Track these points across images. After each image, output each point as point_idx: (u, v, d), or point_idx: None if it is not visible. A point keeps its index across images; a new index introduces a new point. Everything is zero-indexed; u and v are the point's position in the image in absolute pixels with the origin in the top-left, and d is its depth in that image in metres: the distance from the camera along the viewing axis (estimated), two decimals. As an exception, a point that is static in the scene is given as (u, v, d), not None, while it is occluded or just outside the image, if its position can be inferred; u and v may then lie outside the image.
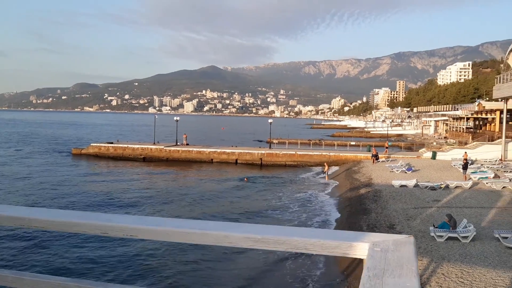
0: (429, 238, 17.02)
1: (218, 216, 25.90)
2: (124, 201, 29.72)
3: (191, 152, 53.02)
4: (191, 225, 1.72)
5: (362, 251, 1.46)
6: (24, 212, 1.91)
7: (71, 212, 1.92)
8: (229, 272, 17.18)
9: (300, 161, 50.08)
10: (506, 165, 38.82)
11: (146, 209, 27.45)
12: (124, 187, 35.01)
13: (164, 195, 32.34)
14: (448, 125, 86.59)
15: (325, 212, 27.02)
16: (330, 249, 1.52)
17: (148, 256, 18.35)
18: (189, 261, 17.98)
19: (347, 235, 1.57)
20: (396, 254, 1.38)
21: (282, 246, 1.57)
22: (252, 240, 1.60)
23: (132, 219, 1.81)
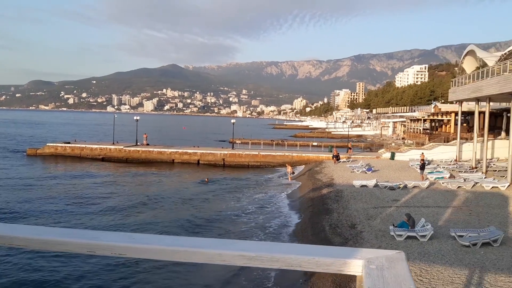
0: (389, 237, 17.37)
1: (174, 221, 25.39)
2: (82, 207, 28.71)
3: (151, 153, 52.11)
4: (183, 243, 1.66)
5: (356, 268, 1.46)
6: (3, 230, 1.78)
7: (55, 229, 1.81)
8: (184, 279, 16.89)
9: (263, 161, 50.19)
10: (460, 166, 40.27)
11: (105, 217, 26.58)
12: (82, 191, 33.82)
13: (124, 199, 31.50)
14: (405, 126, 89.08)
15: (285, 214, 27.06)
16: (325, 266, 1.51)
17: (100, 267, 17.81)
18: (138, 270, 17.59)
19: (341, 251, 1.57)
20: (392, 272, 1.39)
21: (277, 263, 1.55)
22: (246, 258, 1.57)
23: (120, 237, 1.72)
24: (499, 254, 14.89)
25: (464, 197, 25.88)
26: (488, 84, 33.64)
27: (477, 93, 36.39)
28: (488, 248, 15.52)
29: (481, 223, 19.42)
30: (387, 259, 1.48)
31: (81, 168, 46.03)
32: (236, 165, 49.76)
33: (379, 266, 1.43)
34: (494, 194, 26.71)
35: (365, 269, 1.42)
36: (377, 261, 1.46)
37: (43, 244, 1.73)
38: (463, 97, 41.05)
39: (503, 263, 14.03)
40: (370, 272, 1.38)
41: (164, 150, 52.38)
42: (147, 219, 25.67)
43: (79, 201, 29.89)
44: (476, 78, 37.05)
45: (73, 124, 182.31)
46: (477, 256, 14.72)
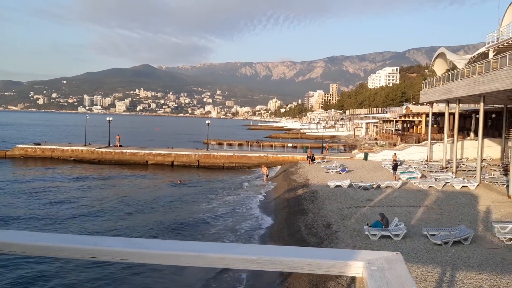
0: (364, 237, 17.59)
1: (142, 225, 25.03)
2: (53, 211, 28.06)
3: (124, 154, 51.34)
4: (185, 247, 1.67)
5: (357, 270, 1.51)
6: (2, 236, 1.77)
7: (54, 235, 1.79)
8: (159, 283, 16.73)
9: (238, 162, 50.12)
10: (431, 166, 41.17)
11: (75, 222, 26.02)
12: (53, 194, 32.96)
13: (94, 203, 30.79)
14: (378, 127, 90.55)
15: (259, 215, 27.02)
16: (326, 268, 1.55)
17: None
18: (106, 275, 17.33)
19: (341, 253, 1.60)
20: (393, 273, 1.44)
21: (279, 266, 1.58)
22: (248, 261, 1.59)
23: (122, 242, 1.72)
24: (469, 252, 15.28)
25: (435, 197, 26.45)
26: (458, 86, 34.49)
27: (447, 95, 37.27)
28: (459, 246, 15.90)
29: (452, 222, 19.88)
30: (386, 261, 1.52)
31: (52, 170, 44.95)
32: (211, 167, 49.55)
33: (379, 267, 1.47)
34: (464, 194, 27.40)
35: (367, 270, 1.46)
36: (377, 263, 1.50)
37: (43, 250, 1.72)
38: (434, 99, 41.98)
39: (474, 260, 14.40)
40: (372, 274, 1.42)
41: (137, 152, 51.69)
42: (116, 223, 25.19)
43: (49, 205, 29.19)
44: (447, 80, 37.94)
45: (43, 125, 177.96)
46: (448, 254, 15.06)
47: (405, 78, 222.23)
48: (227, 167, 49.37)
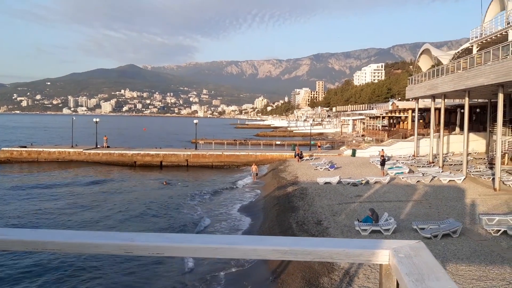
0: (355, 232, 17.79)
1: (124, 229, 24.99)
2: (40, 214, 27.83)
3: (112, 155, 50.98)
4: (219, 240, 1.73)
5: (384, 258, 1.57)
6: (38, 235, 1.81)
7: (88, 232, 1.84)
8: (157, 279, 16.75)
9: (227, 161, 50.14)
10: (418, 161, 41.65)
11: (60, 223, 25.88)
12: (42, 198, 32.58)
13: (83, 206, 30.55)
14: (365, 124, 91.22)
15: (250, 213, 27.10)
16: (354, 257, 1.61)
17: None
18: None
19: (368, 243, 1.65)
20: (420, 259, 1.48)
21: (309, 256, 1.64)
22: (280, 252, 1.65)
23: (156, 237, 1.77)
24: (458, 245, 15.56)
25: (423, 191, 26.81)
26: (443, 81, 34.96)
27: (432, 90, 37.74)
28: (448, 239, 16.18)
29: (441, 215, 20.20)
30: (411, 248, 1.57)
31: (39, 173, 44.48)
32: (200, 166, 49.49)
33: (407, 254, 1.52)
34: (451, 187, 27.82)
35: (395, 258, 1.51)
36: (403, 250, 1.55)
37: (80, 248, 1.79)
38: (420, 95, 42.47)
39: (463, 253, 14.67)
40: (401, 261, 1.47)
41: (125, 152, 51.36)
42: (97, 224, 25.06)
43: (36, 209, 28.92)
44: (432, 76, 38.41)
45: (28, 127, 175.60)
46: (438, 247, 15.31)
47: (390, 74, 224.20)
48: (216, 166, 49.37)
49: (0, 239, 1.81)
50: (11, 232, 1.86)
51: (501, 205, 22.10)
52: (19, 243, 1.80)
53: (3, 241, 1.80)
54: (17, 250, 1.81)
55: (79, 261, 17.92)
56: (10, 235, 1.83)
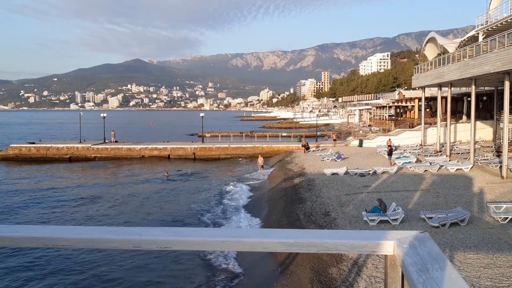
0: (363, 223, 17.89)
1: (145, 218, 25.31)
2: (50, 209, 28.20)
3: (121, 150, 51.32)
4: (226, 234, 1.76)
5: (388, 248, 1.59)
6: (49, 232, 1.85)
7: (98, 228, 1.88)
8: (164, 272, 16.97)
9: (233, 154, 50.32)
10: (426, 150, 41.55)
11: (74, 217, 26.26)
12: (50, 192, 32.93)
13: (94, 200, 30.99)
14: (371, 114, 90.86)
15: (257, 205, 27.24)
16: (359, 248, 1.65)
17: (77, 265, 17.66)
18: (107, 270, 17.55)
19: (373, 234, 1.68)
20: (424, 249, 1.50)
21: (314, 248, 1.67)
22: (285, 244, 1.67)
23: (165, 232, 1.80)
24: (466, 233, 15.61)
25: (431, 180, 26.81)
26: (449, 70, 34.76)
27: (439, 79, 37.54)
28: (456, 228, 16.24)
29: (448, 204, 20.23)
30: (416, 239, 1.60)
31: (48, 168, 44.91)
32: (207, 159, 49.71)
33: (411, 245, 1.55)
34: (459, 176, 27.79)
35: (399, 248, 1.54)
36: (407, 241, 1.58)
37: (90, 243, 1.82)
38: (426, 83, 42.25)
39: (471, 241, 14.73)
40: (406, 251, 1.50)
41: (133, 147, 51.68)
42: (105, 218, 25.38)
43: (45, 203, 29.28)
44: (438, 64, 38.18)
45: (36, 123, 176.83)
46: (446, 236, 15.38)
47: (396, 63, 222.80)
48: (223, 159, 49.57)
49: (12, 236, 1.84)
50: (22, 229, 1.90)
51: (509, 193, 22.08)
52: (30, 240, 1.84)
53: (15, 238, 1.84)
54: (27, 246, 1.89)
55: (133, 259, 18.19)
56: (21, 232, 1.87)
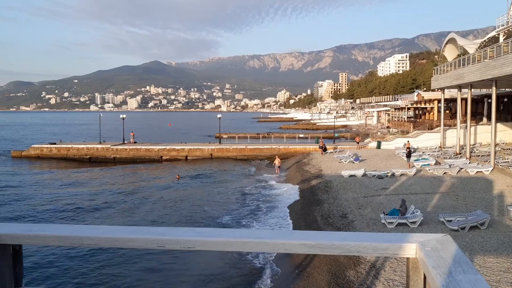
0: (381, 225, 17.81)
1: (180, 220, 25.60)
2: (73, 210, 28.72)
3: (139, 150, 51.92)
4: (249, 235, 1.80)
5: (410, 251, 1.60)
6: (74, 231, 1.92)
7: (123, 227, 1.94)
8: (182, 273, 17.12)
9: (250, 155, 50.44)
10: (445, 152, 41.05)
11: (95, 217, 26.68)
12: (71, 193, 33.50)
13: (115, 199, 31.48)
14: (390, 115, 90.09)
15: (274, 206, 27.22)
16: (381, 250, 1.64)
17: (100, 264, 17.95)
18: (141, 268, 17.78)
19: (395, 236, 1.69)
20: (447, 252, 1.51)
21: (336, 250, 1.68)
22: (307, 246, 1.69)
23: (188, 232, 1.84)
24: (486, 237, 15.42)
25: (450, 183, 26.51)
26: (469, 71, 34.29)
27: (459, 80, 37.06)
28: (476, 231, 16.04)
29: (468, 207, 19.99)
30: (438, 242, 1.61)
31: (68, 168, 45.67)
32: (224, 160, 49.91)
33: (433, 248, 1.55)
34: (479, 179, 27.40)
35: (422, 251, 1.54)
36: (430, 244, 1.58)
37: (114, 242, 1.88)
38: (445, 85, 41.75)
39: (491, 245, 14.55)
40: (428, 254, 1.51)
41: (152, 147, 52.24)
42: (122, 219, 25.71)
43: (66, 203, 29.81)
44: (458, 65, 37.70)
45: (57, 124, 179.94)
46: (465, 239, 15.21)
47: (415, 64, 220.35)
48: (240, 160, 49.71)
49: (39, 234, 1.91)
50: (49, 228, 1.99)
51: (531, 197, 21.70)
52: (57, 239, 1.91)
53: (43, 236, 1.91)
54: (54, 245, 1.99)
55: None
56: (48, 231, 1.95)
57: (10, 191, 33.51)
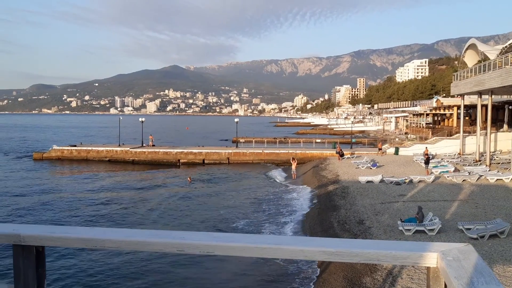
0: (398, 232, 17.66)
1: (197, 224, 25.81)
2: (92, 213, 29.18)
3: (157, 153, 52.45)
4: (267, 241, 1.79)
5: (431, 260, 1.58)
6: (96, 233, 1.97)
7: (144, 231, 1.98)
8: (212, 276, 17.25)
9: (267, 159, 50.49)
10: (464, 159, 40.48)
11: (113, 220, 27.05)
12: (92, 194, 34.10)
13: (129, 202, 31.88)
14: (408, 121, 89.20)
15: (290, 211, 27.16)
16: (401, 259, 1.63)
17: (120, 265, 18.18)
18: (164, 270, 17.94)
19: (415, 245, 1.67)
20: (469, 262, 1.49)
21: (356, 258, 1.66)
22: (326, 253, 1.68)
23: (207, 236, 1.86)
24: (506, 246, 15.18)
25: (469, 190, 26.15)
26: (490, 77, 33.84)
27: (479, 86, 36.58)
28: (495, 240, 15.81)
29: (488, 215, 19.70)
30: (460, 251, 1.58)
31: (88, 172, 46.33)
32: (241, 164, 50.06)
33: (455, 257, 1.51)
34: (499, 187, 26.97)
35: (443, 261, 1.51)
36: (451, 253, 1.56)
37: (135, 245, 1.89)
38: (465, 91, 41.24)
39: (511, 254, 14.31)
40: (450, 264, 1.47)
41: (169, 151, 52.72)
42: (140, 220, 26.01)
43: (85, 205, 30.29)
44: (478, 71, 37.24)
45: (77, 127, 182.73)
46: (485, 248, 15.00)
47: (434, 70, 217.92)
48: (256, 164, 49.79)
49: (62, 236, 1.95)
50: (71, 230, 2.02)
51: (553, 206, 21.28)
52: (79, 241, 1.97)
53: (65, 238, 1.95)
54: (76, 247, 2.06)
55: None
56: (71, 233, 1.99)
57: (33, 193, 34.10)
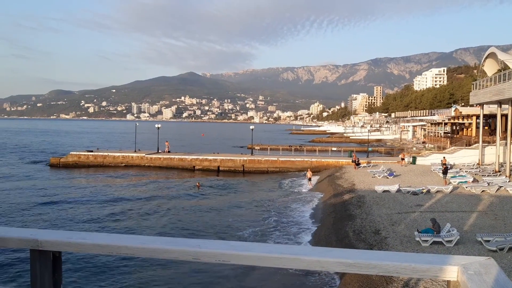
0: (415, 243, 17.34)
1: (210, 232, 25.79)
2: (109, 218, 29.38)
3: (172, 160, 52.70)
4: (283, 250, 1.76)
5: (452, 274, 1.54)
6: (113, 240, 1.96)
7: (160, 238, 1.97)
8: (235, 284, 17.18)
9: (282, 167, 50.30)
10: (483, 169, 39.75)
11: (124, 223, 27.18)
12: (106, 201, 34.19)
13: (146, 207, 32.04)
14: (426, 130, 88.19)
15: (305, 220, 26.95)
16: (421, 272, 1.58)
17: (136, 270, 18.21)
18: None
19: (435, 258, 1.64)
20: (491, 277, 1.45)
21: (374, 270, 1.63)
22: (344, 265, 1.65)
23: (223, 245, 1.84)
24: (527, 259, 14.77)
25: (488, 201, 25.61)
26: (510, 86, 33.26)
27: (499, 95, 35.99)
28: (515, 253, 15.40)
29: (507, 227, 19.23)
30: (481, 265, 1.54)
31: (105, 177, 46.75)
32: (256, 171, 50.00)
33: (476, 271, 1.48)
34: (520, 198, 26.35)
35: (464, 275, 1.48)
36: (472, 267, 1.52)
37: (151, 252, 1.88)
38: (485, 100, 40.64)
39: (532, 268, 13.92)
40: (471, 278, 1.44)
41: (185, 157, 52.92)
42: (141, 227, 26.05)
43: (100, 211, 30.51)
44: (498, 80, 36.65)
45: (94, 132, 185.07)
46: (504, 261, 14.61)
47: (452, 79, 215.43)
48: (271, 172, 49.65)
49: (79, 242, 1.96)
50: (88, 236, 2.02)
51: None
52: (95, 247, 1.96)
53: (82, 244, 1.96)
54: (93, 253, 2.03)
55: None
56: (87, 239, 1.99)
57: (50, 199, 34.32)
